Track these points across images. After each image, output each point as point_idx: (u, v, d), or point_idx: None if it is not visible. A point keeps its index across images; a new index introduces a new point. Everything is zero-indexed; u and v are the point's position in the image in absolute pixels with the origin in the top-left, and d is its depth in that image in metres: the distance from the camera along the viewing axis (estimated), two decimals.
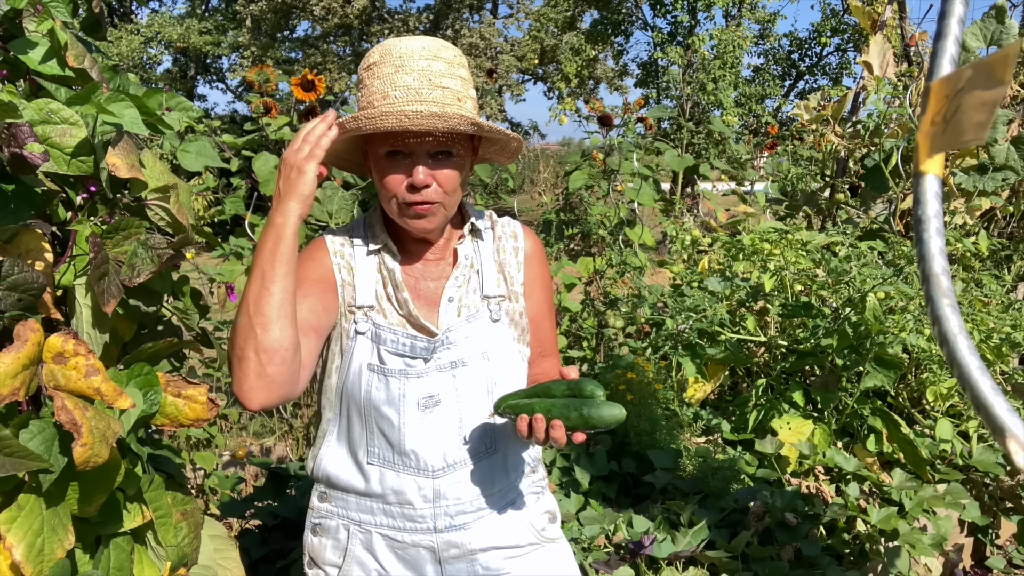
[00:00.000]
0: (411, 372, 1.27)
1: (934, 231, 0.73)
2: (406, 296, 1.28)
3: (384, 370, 1.26)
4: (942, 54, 0.75)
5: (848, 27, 16.73)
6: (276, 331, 1.13)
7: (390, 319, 1.28)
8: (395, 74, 1.21)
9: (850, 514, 2.21)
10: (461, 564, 1.31)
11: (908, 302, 2.58)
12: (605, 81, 22.25)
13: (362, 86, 1.25)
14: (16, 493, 0.96)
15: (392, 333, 1.27)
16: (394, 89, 1.20)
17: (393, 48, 1.23)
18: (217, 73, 27.48)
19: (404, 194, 1.22)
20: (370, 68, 1.24)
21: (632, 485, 2.63)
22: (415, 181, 1.20)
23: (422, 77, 1.21)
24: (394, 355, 1.27)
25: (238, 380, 1.15)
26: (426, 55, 1.22)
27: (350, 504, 1.31)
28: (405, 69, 1.21)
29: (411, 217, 1.24)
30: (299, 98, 2.57)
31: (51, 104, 1.08)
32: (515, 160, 1.45)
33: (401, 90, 1.20)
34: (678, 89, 13.05)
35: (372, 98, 1.21)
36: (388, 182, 1.22)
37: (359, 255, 1.31)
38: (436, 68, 1.22)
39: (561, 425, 1.17)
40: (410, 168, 1.21)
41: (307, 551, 1.37)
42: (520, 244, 1.40)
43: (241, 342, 1.13)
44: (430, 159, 1.22)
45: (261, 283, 1.13)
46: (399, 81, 1.20)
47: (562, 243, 3.77)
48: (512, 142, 1.33)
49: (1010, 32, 2.67)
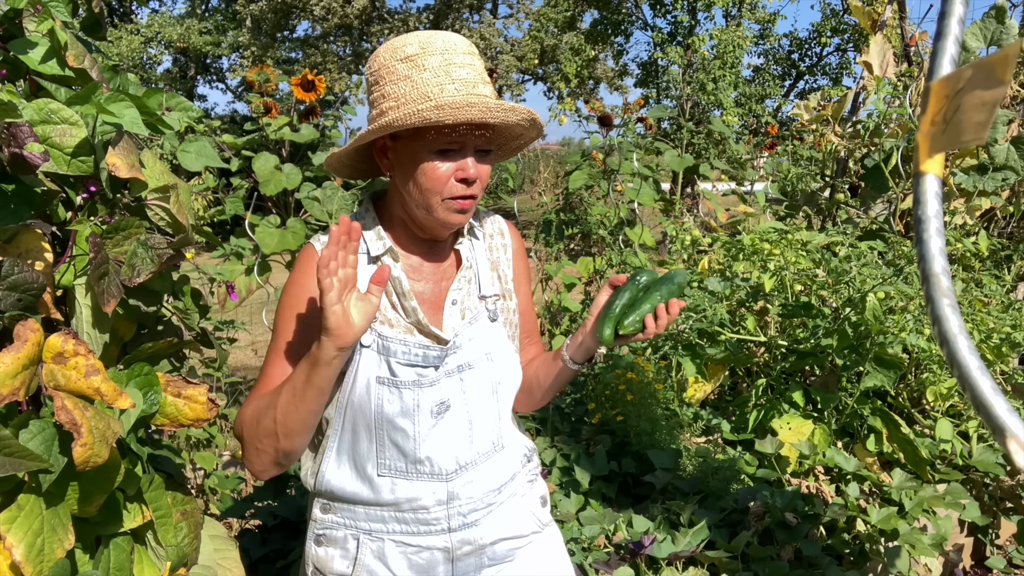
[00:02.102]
0: (424, 381, 1.25)
1: (934, 231, 0.73)
2: (414, 305, 1.25)
3: (396, 382, 1.24)
4: (942, 54, 0.75)
5: (848, 27, 16.74)
6: (299, 441, 1.18)
7: (396, 328, 1.26)
8: (448, 67, 1.18)
9: (850, 514, 2.21)
10: (471, 559, 1.32)
11: (908, 302, 2.58)
12: (605, 81, 22.26)
13: (401, 79, 1.19)
14: (16, 493, 0.96)
15: (403, 344, 1.24)
16: (452, 82, 1.17)
17: (434, 40, 1.19)
18: (217, 73, 27.49)
19: (453, 188, 1.20)
20: (411, 59, 1.19)
21: (632, 485, 2.63)
22: (468, 175, 1.20)
23: (472, 72, 1.19)
24: (406, 366, 1.25)
25: (251, 463, 1.21)
26: (466, 50, 1.21)
27: (358, 514, 1.29)
28: (456, 64, 1.18)
29: (453, 212, 1.23)
30: (299, 98, 2.57)
31: (51, 104, 1.08)
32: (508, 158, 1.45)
33: (460, 83, 1.17)
34: (678, 89, 13.05)
35: (427, 89, 1.17)
36: (438, 178, 1.20)
37: (358, 264, 1.26)
38: (478, 65, 1.22)
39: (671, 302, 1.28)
40: (459, 163, 1.20)
41: (311, 562, 1.34)
42: (507, 241, 1.42)
43: (263, 436, 1.17)
44: (475, 155, 1.22)
45: (291, 401, 1.15)
46: (455, 74, 1.18)
47: (562, 243, 3.76)
48: (526, 141, 1.34)
49: (1010, 32, 2.67)
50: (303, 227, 2.41)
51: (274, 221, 2.44)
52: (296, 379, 1.15)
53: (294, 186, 2.43)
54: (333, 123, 2.82)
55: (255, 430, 1.19)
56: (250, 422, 1.20)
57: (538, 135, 1.31)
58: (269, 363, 1.27)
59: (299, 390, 1.15)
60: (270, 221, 2.44)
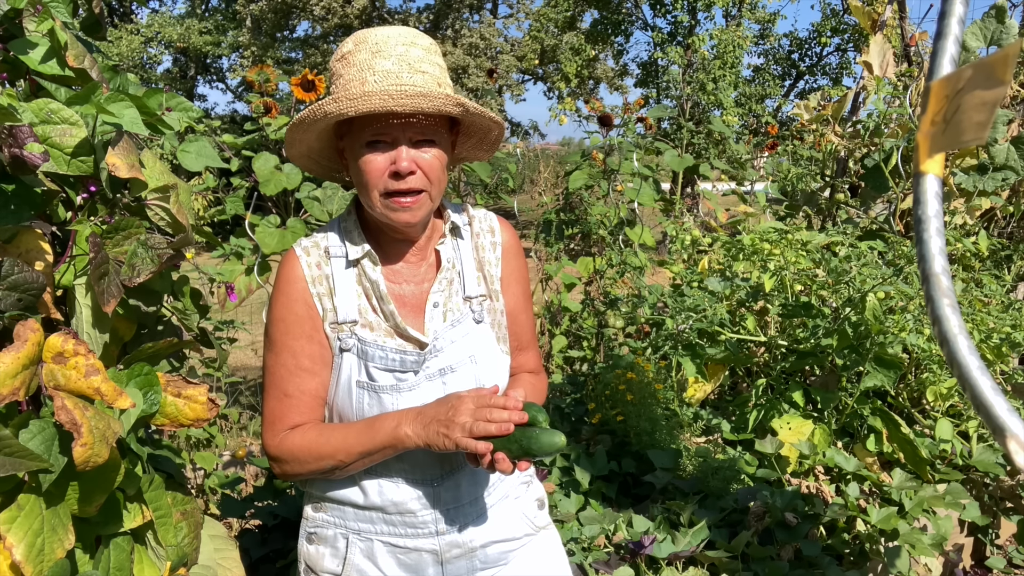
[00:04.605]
0: (402, 386, 1.24)
1: (934, 231, 0.73)
2: (392, 308, 1.24)
3: (375, 387, 1.24)
4: (942, 54, 0.75)
5: (848, 27, 16.74)
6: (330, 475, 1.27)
7: (376, 332, 1.25)
8: (372, 59, 1.16)
9: (850, 514, 2.21)
10: (462, 562, 1.31)
11: (908, 302, 2.58)
12: (605, 81, 22.26)
13: (336, 77, 1.20)
14: (16, 493, 0.96)
15: (380, 349, 1.23)
16: (372, 74, 1.15)
17: (368, 36, 1.18)
18: (217, 73, 27.49)
19: (387, 183, 1.17)
20: (344, 58, 1.19)
21: (632, 485, 2.63)
22: (399, 168, 1.16)
23: (401, 62, 1.16)
24: (383, 371, 1.24)
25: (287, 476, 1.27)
26: (403, 41, 1.18)
27: (347, 514, 1.29)
28: (383, 55, 1.16)
29: (394, 210, 1.19)
30: (299, 98, 2.57)
31: (51, 104, 1.08)
32: (492, 154, 1.40)
33: (380, 74, 1.15)
34: (678, 89, 13.04)
35: (349, 85, 1.16)
36: (370, 171, 1.17)
37: (337, 268, 1.26)
38: (414, 54, 1.18)
39: (504, 457, 1.14)
40: (393, 156, 1.17)
41: (303, 559, 1.35)
42: (498, 239, 1.37)
43: (316, 470, 1.25)
44: (413, 147, 1.18)
45: (361, 459, 1.22)
46: (377, 66, 1.15)
47: (562, 243, 3.76)
48: (493, 130, 1.29)
49: (1010, 32, 2.67)
50: (303, 227, 2.41)
51: (274, 221, 2.44)
52: (371, 446, 1.20)
53: (294, 186, 2.43)
54: None
55: (307, 464, 1.24)
56: (304, 457, 1.24)
57: (498, 126, 1.27)
58: (282, 380, 1.26)
59: (375, 457, 1.22)
60: (270, 221, 2.44)
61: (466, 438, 1.13)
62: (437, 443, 1.15)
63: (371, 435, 1.20)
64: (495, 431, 1.13)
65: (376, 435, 1.19)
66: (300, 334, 1.24)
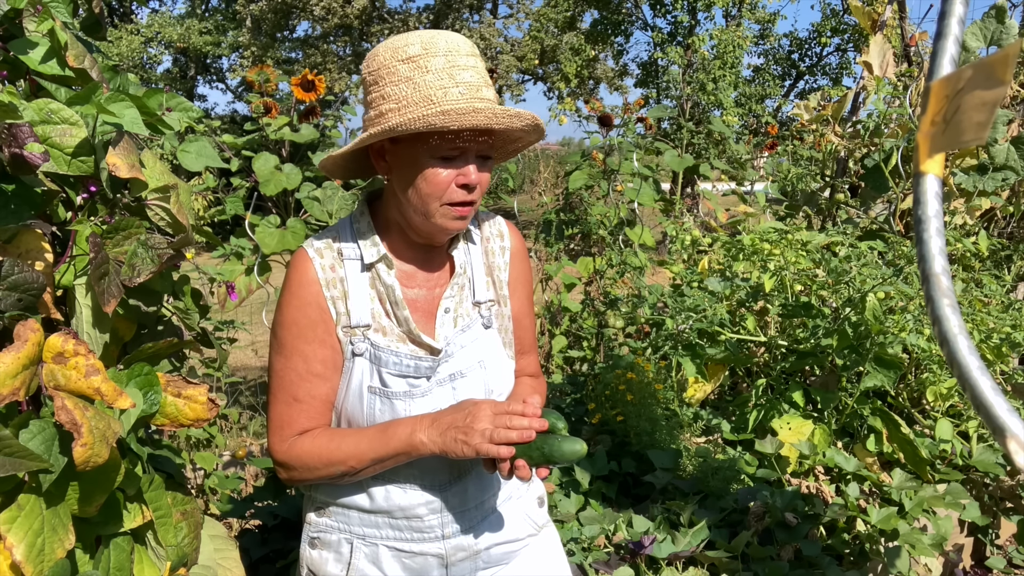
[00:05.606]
0: (415, 392, 1.24)
1: (934, 231, 0.73)
2: (407, 314, 1.24)
3: (388, 392, 1.23)
4: (942, 54, 0.75)
5: (848, 27, 16.74)
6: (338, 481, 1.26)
7: (389, 337, 1.24)
8: (452, 68, 1.14)
9: (850, 514, 2.21)
10: (466, 564, 1.31)
11: (908, 302, 2.58)
12: (605, 81, 22.26)
13: (401, 79, 1.15)
14: (16, 493, 0.96)
15: (394, 355, 1.23)
16: (455, 85, 1.13)
17: (436, 40, 1.16)
18: (217, 73, 27.49)
19: (453, 194, 1.18)
20: (413, 60, 1.15)
21: (632, 485, 2.63)
22: (469, 181, 1.17)
23: (476, 74, 1.16)
24: (397, 377, 1.23)
25: (295, 481, 1.27)
26: (468, 51, 1.18)
27: (352, 519, 1.29)
28: (459, 66, 1.15)
29: (452, 219, 1.20)
30: (299, 98, 2.57)
31: (51, 104, 1.08)
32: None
33: (464, 86, 1.14)
34: (678, 89, 13.05)
35: (430, 92, 1.13)
36: (439, 183, 1.17)
37: (351, 271, 1.25)
38: (480, 67, 1.19)
39: (525, 464, 1.15)
40: (460, 169, 1.17)
41: (305, 564, 1.34)
42: (507, 243, 1.37)
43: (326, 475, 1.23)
44: (479, 160, 1.19)
45: (373, 465, 1.21)
46: (458, 76, 1.14)
47: (562, 243, 3.76)
48: (527, 144, 1.32)
49: (1010, 32, 2.67)
50: (303, 227, 2.41)
51: (274, 221, 2.44)
52: (384, 452, 1.20)
53: (294, 186, 2.43)
54: (333, 123, 2.82)
55: (316, 471, 1.24)
56: (313, 463, 1.23)
57: (539, 138, 1.28)
58: (292, 384, 1.24)
59: (387, 463, 1.21)
60: (270, 221, 2.44)
61: (487, 444, 1.12)
62: (455, 450, 1.14)
63: (384, 441, 1.19)
64: (516, 438, 1.12)
65: (390, 441, 1.18)
66: (313, 338, 1.23)
